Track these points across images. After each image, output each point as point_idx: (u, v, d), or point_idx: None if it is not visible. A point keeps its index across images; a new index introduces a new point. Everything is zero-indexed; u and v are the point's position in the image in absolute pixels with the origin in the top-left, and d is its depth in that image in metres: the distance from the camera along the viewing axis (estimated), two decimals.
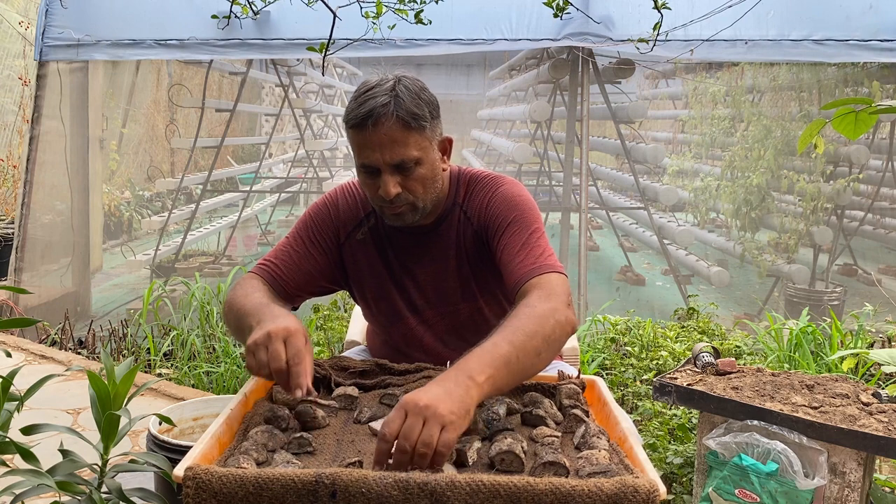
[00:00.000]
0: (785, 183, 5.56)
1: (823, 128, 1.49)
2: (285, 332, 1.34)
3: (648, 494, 1.03)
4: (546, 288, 1.47)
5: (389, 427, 1.14)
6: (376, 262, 1.74)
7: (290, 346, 1.33)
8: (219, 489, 1.05)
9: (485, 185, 1.72)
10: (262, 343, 1.34)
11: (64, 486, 1.28)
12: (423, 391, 1.18)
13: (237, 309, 1.55)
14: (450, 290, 1.73)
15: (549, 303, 1.42)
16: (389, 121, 1.51)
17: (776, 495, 1.81)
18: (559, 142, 6.38)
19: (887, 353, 2.22)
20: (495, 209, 1.66)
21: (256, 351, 1.34)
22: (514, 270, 1.55)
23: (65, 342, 4.16)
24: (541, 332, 1.36)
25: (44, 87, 4.62)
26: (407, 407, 1.15)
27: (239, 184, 8.11)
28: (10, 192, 6.70)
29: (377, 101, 1.52)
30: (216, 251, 6.62)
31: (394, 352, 1.81)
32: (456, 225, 1.71)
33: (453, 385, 1.20)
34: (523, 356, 1.31)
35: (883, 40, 4.06)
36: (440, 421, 1.13)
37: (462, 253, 1.71)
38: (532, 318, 1.38)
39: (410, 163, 1.55)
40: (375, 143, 1.53)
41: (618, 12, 4.17)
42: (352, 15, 2.90)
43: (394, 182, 1.55)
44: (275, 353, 1.32)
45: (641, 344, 3.54)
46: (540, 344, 1.35)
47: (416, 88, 1.56)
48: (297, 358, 1.33)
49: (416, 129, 1.54)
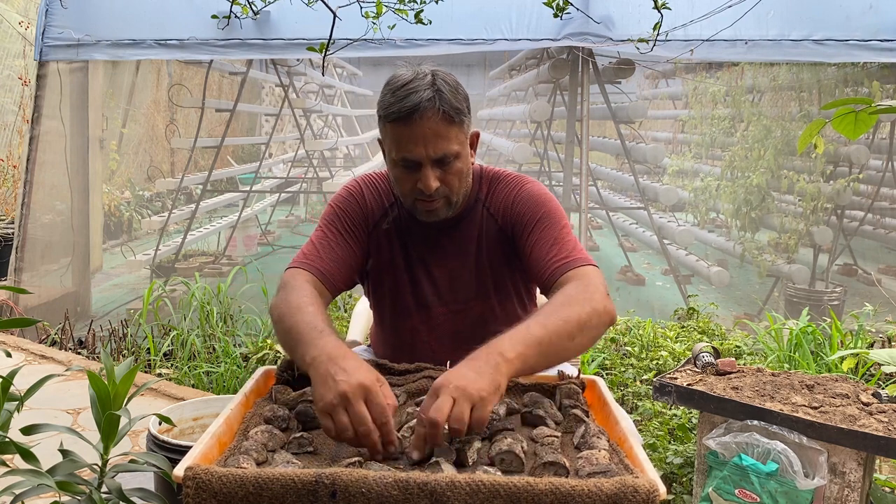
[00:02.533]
0: (785, 183, 5.56)
1: (823, 128, 1.49)
2: (363, 392, 1.22)
3: (648, 494, 1.03)
4: (584, 279, 1.50)
5: (424, 410, 1.19)
6: (397, 253, 1.74)
7: (371, 405, 1.22)
8: (219, 489, 1.05)
9: (509, 182, 1.74)
10: (340, 405, 1.21)
11: (64, 486, 1.28)
12: (454, 373, 1.22)
13: (288, 325, 1.45)
14: (464, 286, 1.73)
15: (586, 292, 1.45)
16: (436, 115, 1.52)
17: (776, 495, 1.81)
18: (559, 142, 6.38)
19: (887, 353, 2.22)
20: (522, 206, 1.68)
21: (335, 413, 1.21)
22: (549, 264, 1.57)
23: (65, 342, 4.16)
24: (575, 318, 1.38)
25: (44, 87, 4.62)
26: (439, 389, 1.20)
27: (239, 184, 8.12)
28: (10, 192, 6.71)
29: (421, 95, 1.51)
30: (216, 251, 6.62)
31: (396, 350, 1.81)
32: (478, 221, 1.72)
33: (483, 363, 1.24)
34: (556, 339, 1.34)
35: (883, 40, 4.06)
36: (471, 400, 1.18)
37: (482, 249, 1.72)
38: (567, 304, 1.41)
39: (451, 157, 1.56)
40: (420, 136, 1.52)
41: (618, 12, 4.17)
42: (352, 15, 2.90)
43: (434, 176, 1.56)
44: (359, 417, 1.20)
45: (641, 344, 3.54)
46: (574, 329, 1.37)
47: (454, 83, 1.57)
48: (384, 417, 1.22)
49: (457, 123, 1.55)
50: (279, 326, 1.50)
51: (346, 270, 1.69)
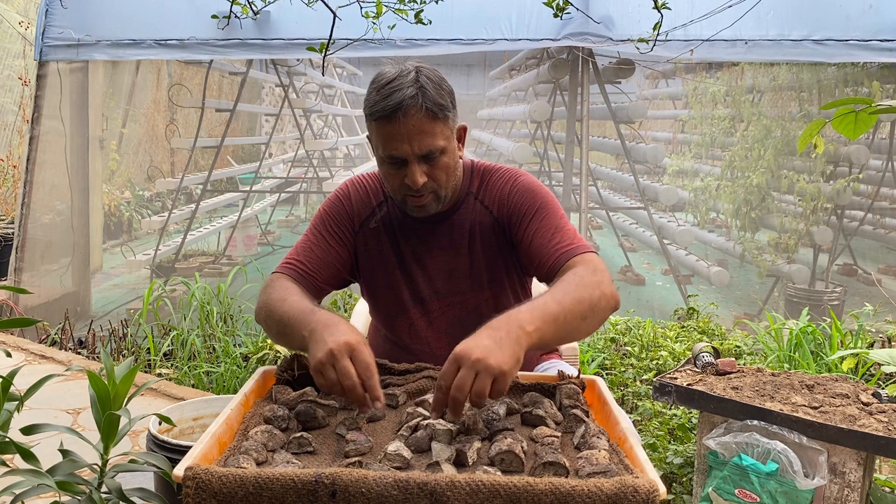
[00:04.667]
0: (785, 183, 5.56)
1: (823, 128, 1.49)
2: (348, 348, 1.32)
3: (648, 494, 1.03)
4: (590, 265, 1.53)
5: (445, 379, 1.23)
6: (387, 251, 1.76)
7: (357, 361, 1.32)
8: (219, 489, 1.05)
9: (502, 175, 1.75)
10: (328, 362, 1.31)
11: (64, 486, 1.28)
12: (475, 342, 1.25)
13: (278, 316, 1.53)
14: (460, 279, 1.75)
15: (595, 276, 1.49)
16: (419, 112, 1.53)
17: (776, 495, 1.81)
18: (559, 142, 6.38)
19: (887, 353, 2.22)
20: (519, 198, 1.70)
21: (324, 371, 1.31)
22: (552, 251, 1.59)
23: (65, 342, 4.16)
24: (587, 300, 1.43)
25: (44, 87, 4.62)
26: (460, 360, 1.23)
27: (239, 184, 8.11)
28: (10, 192, 6.71)
29: (405, 92, 1.52)
30: (216, 251, 6.62)
31: (395, 347, 1.82)
32: (471, 214, 1.74)
33: (504, 335, 1.26)
34: (570, 318, 1.39)
35: (883, 40, 4.06)
36: (492, 373, 1.21)
37: (476, 241, 1.73)
38: (580, 285, 1.45)
39: (437, 152, 1.58)
40: (404, 134, 1.54)
41: (618, 12, 4.17)
42: (352, 15, 2.91)
43: (420, 172, 1.57)
44: (344, 371, 1.30)
45: (641, 344, 3.54)
46: (586, 310, 1.42)
47: (437, 78, 1.58)
48: (368, 372, 1.31)
49: (441, 119, 1.56)
50: (270, 322, 1.56)
51: (329, 270, 1.72)
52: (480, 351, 1.22)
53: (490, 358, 1.22)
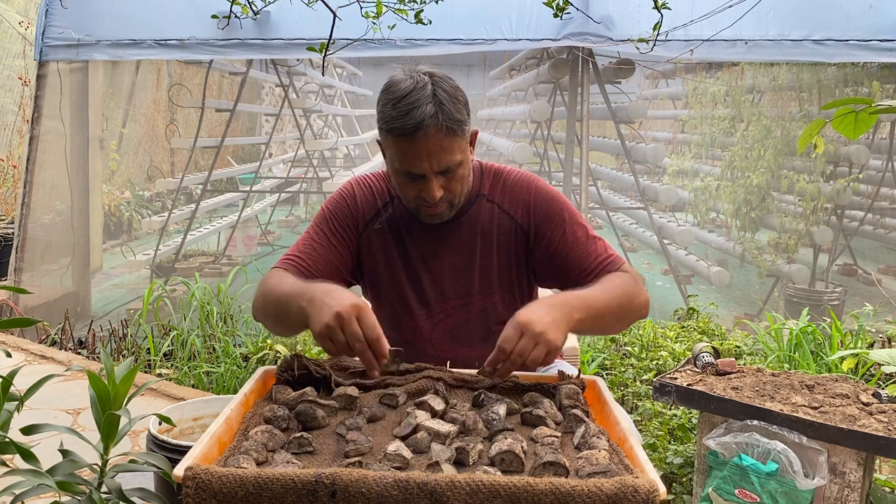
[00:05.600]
0: (785, 183, 5.56)
1: (823, 128, 1.49)
2: (355, 310, 1.34)
3: (648, 494, 1.03)
4: (633, 275, 1.65)
5: (508, 343, 1.37)
6: (392, 252, 1.75)
7: (364, 323, 1.35)
8: (219, 489, 1.05)
9: (518, 180, 1.76)
10: (336, 325, 1.33)
11: (64, 486, 1.28)
12: (536, 314, 1.39)
13: (275, 297, 1.55)
14: (468, 281, 1.74)
15: (637, 285, 1.62)
16: (440, 132, 1.52)
17: (776, 495, 1.81)
18: (559, 142, 6.38)
19: (887, 353, 2.22)
20: (545, 206, 1.72)
21: (332, 334, 1.34)
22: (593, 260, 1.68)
23: (65, 342, 4.16)
24: (628, 306, 1.57)
25: (44, 87, 4.62)
26: (525, 329, 1.37)
27: (239, 184, 8.11)
28: (10, 192, 6.70)
29: (424, 110, 1.50)
30: (216, 251, 6.62)
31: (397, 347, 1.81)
32: (483, 216, 1.73)
33: (560, 314, 1.41)
34: (609, 317, 1.53)
35: (883, 40, 4.06)
36: (548, 346, 1.37)
37: (490, 244, 1.72)
38: (625, 291, 1.57)
39: (455, 167, 1.58)
40: (424, 152, 1.53)
41: (618, 12, 4.17)
42: (352, 15, 2.91)
43: (438, 186, 1.58)
44: (353, 334, 1.33)
45: (641, 344, 3.54)
46: (625, 313, 1.57)
47: (452, 90, 1.56)
48: (375, 333, 1.36)
49: (459, 134, 1.56)
50: (266, 307, 1.59)
51: (329, 269, 1.71)
52: (543, 325, 1.37)
53: (550, 333, 1.36)
